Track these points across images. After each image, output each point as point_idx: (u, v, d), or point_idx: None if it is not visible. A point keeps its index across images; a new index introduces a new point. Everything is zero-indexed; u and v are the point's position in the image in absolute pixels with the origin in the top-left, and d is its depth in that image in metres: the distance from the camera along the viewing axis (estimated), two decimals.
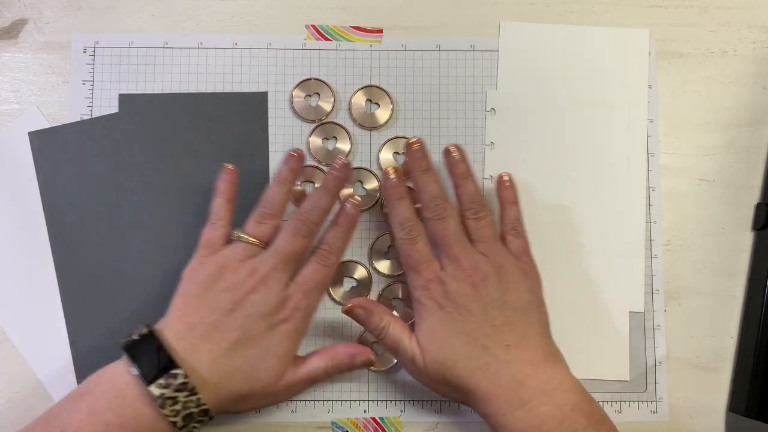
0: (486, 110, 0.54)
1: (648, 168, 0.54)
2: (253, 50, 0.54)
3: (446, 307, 0.45)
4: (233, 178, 0.48)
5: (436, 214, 0.46)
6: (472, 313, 0.44)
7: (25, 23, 0.54)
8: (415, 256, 0.46)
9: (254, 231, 0.46)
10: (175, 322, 0.44)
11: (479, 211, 0.47)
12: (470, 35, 0.55)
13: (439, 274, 0.45)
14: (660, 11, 0.55)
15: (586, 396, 0.43)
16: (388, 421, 0.51)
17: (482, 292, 0.45)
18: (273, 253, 0.46)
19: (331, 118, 0.54)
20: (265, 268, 0.45)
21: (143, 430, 0.41)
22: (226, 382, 0.43)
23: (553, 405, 0.42)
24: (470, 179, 0.48)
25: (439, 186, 0.47)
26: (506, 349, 0.44)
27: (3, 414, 0.51)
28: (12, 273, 0.52)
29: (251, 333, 0.44)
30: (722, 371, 0.52)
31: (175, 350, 0.43)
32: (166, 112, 0.53)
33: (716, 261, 0.53)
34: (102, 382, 0.43)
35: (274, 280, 0.45)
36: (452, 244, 0.46)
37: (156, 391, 0.41)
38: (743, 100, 0.54)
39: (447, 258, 0.46)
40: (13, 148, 0.53)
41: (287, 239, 0.46)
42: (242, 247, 0.46)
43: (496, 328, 0.44)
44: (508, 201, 0.49)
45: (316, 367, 0.46)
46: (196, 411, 0.42)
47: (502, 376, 0.43)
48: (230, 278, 0.45)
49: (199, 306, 0.45)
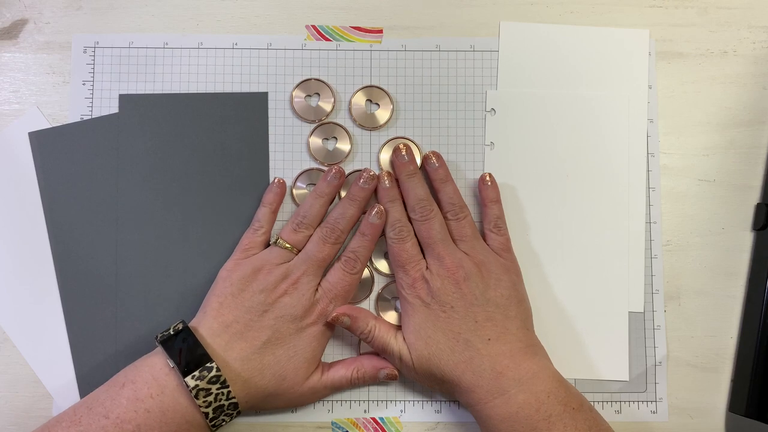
0: (486, 110, 0.54)
1: (648, 168, 0.54)
2: (253, 50, 0.54)
3: (431, 305, 0.47)
4: (281, 192, 0.52)
5: (422, 216, 0.49)
6: (456, 310, 0.47)
7: (25, 23, 0.54)
8: (403, 255, 0.49)
9: (290, 238, 0.49)
10: (210, 320, 0.47)
11: (459, 212, 0.50)
12: (470, 35, 0.55)
13: (424, 273, 0.48)
14: (660, 11, 0.55)
15: (563, 385, 0.45)
16: (388, 421, 0.51)
17: (465, 290, 0.47)
18: (304, 259, 0.49)
19: (331, 119, 0.54)
20: (297, 272, 0.48)
21: (179, 418, 0.44)
22: (256, 378, 0.46)
23: (530, 393, 0.44)
24: (449, 182, 0.51)
25: (425, 189, 0.50)
26: (488, 344, 0.46)
27: (3, 414, 0.51)
28: (12, 273, 0.52)
29: (281, 334, 0.47)
30: (722, 371, 0.52)
31: (209, 346, 0.45)
32: (166, 112, 0.53)
33: (716, 261, 0.53)
34: (143, 371, 0.45)
35: (305, 285, 0.48)
36: (436, 243, 0.48)
37: (191, 382, 0.43)
38: (743, 100, 0.54)
39: (432, 257, 0.49)
40: (13, 148, 0.53)
41: (317, 246, 0.49)
42: (277, 251, 0.49)
43: (478, 323, 0.46)
44: (490, 200, 0.51)
45: (342, 377, 0.49)
46: (226, 404, 0.44)
47: (484, 369, 0.45)
48: (264, 280, 0.47)
49: (234, 306, 0.47)
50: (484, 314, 0.46)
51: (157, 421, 0.43)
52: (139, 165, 0.52)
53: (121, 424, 0.43)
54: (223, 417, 0.45)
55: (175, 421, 0.44)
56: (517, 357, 0.45)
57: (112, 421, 0.43)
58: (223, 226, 0.52)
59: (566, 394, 0.45)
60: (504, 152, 0.54)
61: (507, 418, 0.44)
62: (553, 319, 0.51)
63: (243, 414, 0.50)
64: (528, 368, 0.45)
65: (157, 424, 0.43)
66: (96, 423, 0.43)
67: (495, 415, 0.44)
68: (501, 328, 0.46)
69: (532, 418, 0.43)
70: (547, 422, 0.43)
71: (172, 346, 0.45)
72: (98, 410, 0.43)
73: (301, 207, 0.50)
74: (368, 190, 0.50)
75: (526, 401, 0.44)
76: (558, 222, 0.53)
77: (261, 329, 0.46)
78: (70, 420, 0.43)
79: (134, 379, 0.44)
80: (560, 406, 0.44)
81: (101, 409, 0.43)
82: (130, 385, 0.44)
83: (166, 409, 0.43)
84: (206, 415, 0.44)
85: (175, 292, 0.51)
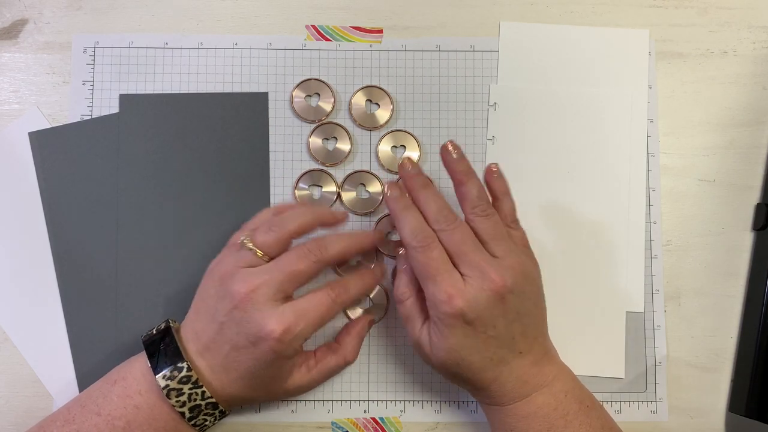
0: (489, 105, 0.54)
1: (648, 168, 0.54)
2: (253, 50, 0.54)
3: (473, 323, 0.42)
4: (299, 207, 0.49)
5: (448, 224, 0.44)
6: (497, 329, 0.42)
7: (25, 23, 0.54)
8: (432, 264, 0.43)
9: (260, 239, 0.45)
10: (188, 324, 0.46)
11: (487, 209, 0.45)
12: (470, 35, 0.55)
13: (462, 289, 0.42)
14: (660, 11, 0.55)
15: (578, 384, 0.45)
16: (388, 421, 0.51)
17: (508, 306, 0.42)
18: (270, 269, 0.43)
19: (331, 119, 0.54)
20: (257, 281, 0.43)
21: (167, 415, 0.43)
22: (227, 387, 0.44)
23: (550, 394, 0.44)
24: (474, 177, 0.46)
25: (443, 199, 0.45)
26: (518, 356, 0.44)
27: (3, 414, 0.51)
28: (12, 273, 0.52)
29: (239, 348, 0.43)
30: (722, 371, 0.52)
31: (186, 348, 0.44)
32: (167, 112, 0.53)
33: (716, 261, 0.53)
34: (134, 369, 0.44)
35: (262, 296, 0.42)
36: (470, 251, 0.43)
37: (162, 382, 0.43)
38: (743, 100, 0.54)
39: (469, 267, 0.43)
40: (13, 148, 0.53)
41: (295, 258, 0.44)
42: (246, 254, 0.44)
43: (515, 339, 0.43)
44: (501, 192, 0.47)
45: (336, 365, 0.47)
46: (203, 404, 0.43)
47: (511, 380, 0.44)
48: (226, 286, 0.43)
49: (202, 311, 0.45)
50: (521, 328, 0.43)
51: (146, 418, 0.43)
52: (139, 165, 0.52)
53: (112, 421, 0.43)
54: (204, 417, 0.44)
55: (163, 418, 0.43)
56: (540, 364, 0.44)
57: (104, 417, 0.43)
58: (223, 227, 0.52)
59: (581, 392, 0.45)
60: (505, 147, 0.54)
61: (525, 417, 0.43)
62: (551, 316, 0.50)
63: (243, 413, 0.50)
64: (549, 372, 0.44)
65: (146, 420, 0.43)
66: (89, 420, 0.43)
67: (513, 414, 0.44)
68: (531, 339, 0.44)
69: (550, 416, 0.43)
70: (564, 420, 0.43)
71: (151, 345, 0.44)
72: (91, 407, 0.43)
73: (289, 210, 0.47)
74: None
75: (546, 401, 0.43)
76: (558, 219, 0.53)
77: (222, 342, 0.43)
78: (64, 418, 0.44)
79: (125, 376, 0.44)
80: (576, 404, 0.44)
81: (93, 406, 0.43)
82: (121, 382, 0.44)
83: (154, 405, 0.43)
84: (182, 414, 0.43)
85: (175, 292, 0.51)
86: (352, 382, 0.51)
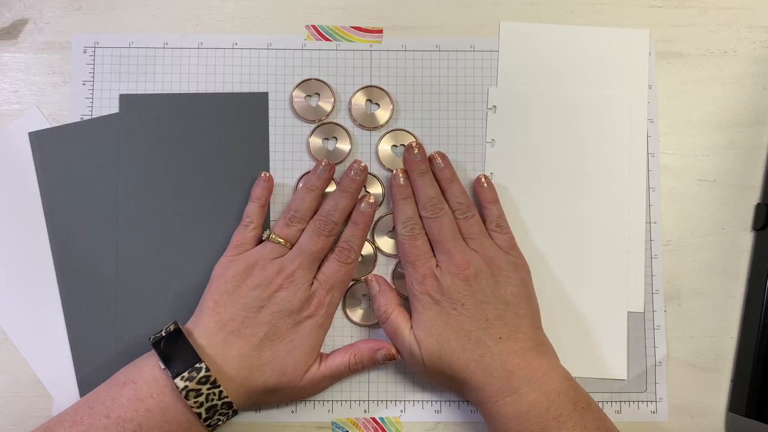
0: (487, 108, 0.54)
1: (648, 168, 0.54)
2: (253, 50, 0.54)
3: (441, 302, 0.47)
4: (269, 186, 0.52)
5: (432, 213, 0.49)
6: (466, 308, 0.46)
7: (25, 23, 0.54)
8: (414, 251, 0.49)
9: (282, 233, 0.49)
10: (206, 319, 0.47)
11: (466, 211, 0.50)
12: (470, 35, 0.55)
13: (434, 270, 0.48)
14: (660, 11, 0.55)
15: (572, 384, 0.45)
16: (388, 421, 0.51)
17: (475, 288, 0.47)
18: (298, 253, 0.49)
19: (331, 119, 0.54)
20: (292, 266, 0.48)
21: (179, 417, 0.44)
22: (255, 375, 0.46)
23: (541, 392, 0.44)
24: (455, 182, 0.51)
25: (436, 188, 0.51)
26: (498, 342, 0.46)
27: (3, 414, 0.51)
28: (12, 273, 0.52)
29: (279, 329, 0.47)
30: (722, 371, 0.52)
31: (200, 346, 0.45)
32: (167, 112, 0.53)
33: (716, 261, 0.53)
34: (144, 371, 0.45)
35: (300, 278, 0.48)
36: (447, 240, 0.48)
37: (180, 383, 0.43)
38: (743, 100, 0.54)
39: (442, 254, 0.48)
40: (13, 148, 0.53)
41: (311, 239, 0.49)
42: (271, 246, 0.49)
43: (489, 322, 0.46)
44: (488, 201, 0.51)
45: (340, 363, 0.49)
46: (219, 403, 0.44)
47: (495, 368, 0.45)
48: (259, 275, 0.47)
49: (229, 303, 0.47)
50: (495, 312, 0.46)
51: (158, 420, 0.43)
52: (139, 165, 0.52)
53: (122, 423, 0.43)
54: (218, 417, 0.45)
55: (176, 420, 0.44)
56: (527, 356, 0.45)
57: (114, 420, 0.43)
58: (223, 226, 0.52)
59: (576, 393, 0.45)
60: (505, 150, 0.54)
61: (517, 416, 0.44)
62: (552, 317, 0.51)
63: (243, 413, 0.50)
64: (538, 367, 0.45)
65: (158, 423, 0.43)
66: (98, 422, 0.43)
67: (505, 413, 0.44)
68: (512, 327, 0.46)
69: (543, 416, 0.43)
70: (557, 421, 0.43)
71: (162, 348, 0.45)
72: (99, 410, 0.44)
73: (292, 201, 0.50)
74: (359, 182, 0.50)
75: (537, 400, 0.44)
76: (558, 221, 0.53)
77: (258, 326, 0.46)
78: (71, 420, 0.44)
79: (135, 379, 0.45)
80: (570, 404, 0.44)
81: (102, 408, 0.44)
82: (131, 385, 0.44)
83: (167, 408, 0.44)
84: (199, 415, 0.44)
85: (175, 292, 0.51)
86: (352, 382, 0.52)
